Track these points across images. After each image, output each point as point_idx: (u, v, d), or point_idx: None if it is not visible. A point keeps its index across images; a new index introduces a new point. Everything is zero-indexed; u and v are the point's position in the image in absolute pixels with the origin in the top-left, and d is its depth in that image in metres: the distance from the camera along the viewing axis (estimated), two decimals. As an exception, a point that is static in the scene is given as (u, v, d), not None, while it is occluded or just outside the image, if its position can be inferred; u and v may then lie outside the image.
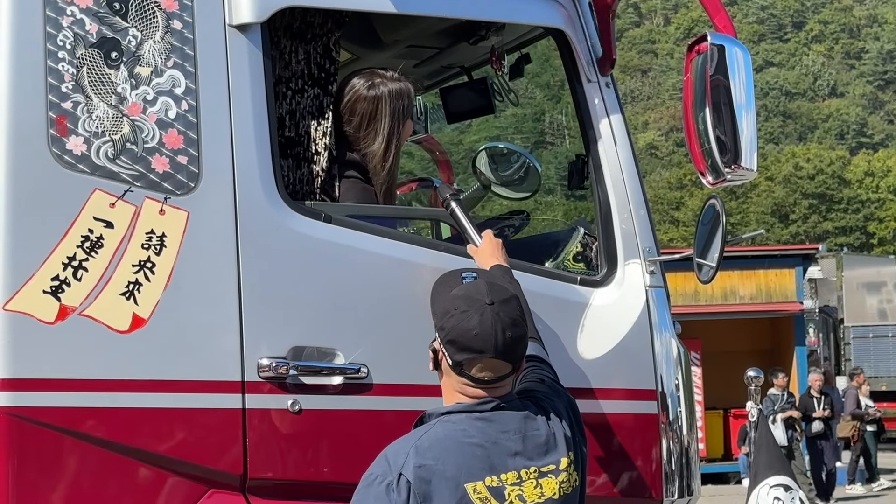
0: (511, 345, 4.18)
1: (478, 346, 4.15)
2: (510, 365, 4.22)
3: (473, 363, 4.18)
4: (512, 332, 4.17)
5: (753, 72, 5.35)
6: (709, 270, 5.43)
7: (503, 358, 4.18)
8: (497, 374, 4.21)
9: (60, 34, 4.74)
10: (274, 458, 4.83)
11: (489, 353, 4.16)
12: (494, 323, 4.14)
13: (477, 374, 4.20)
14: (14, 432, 4.57)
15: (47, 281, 4.62)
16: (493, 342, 4.14)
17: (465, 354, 4.18)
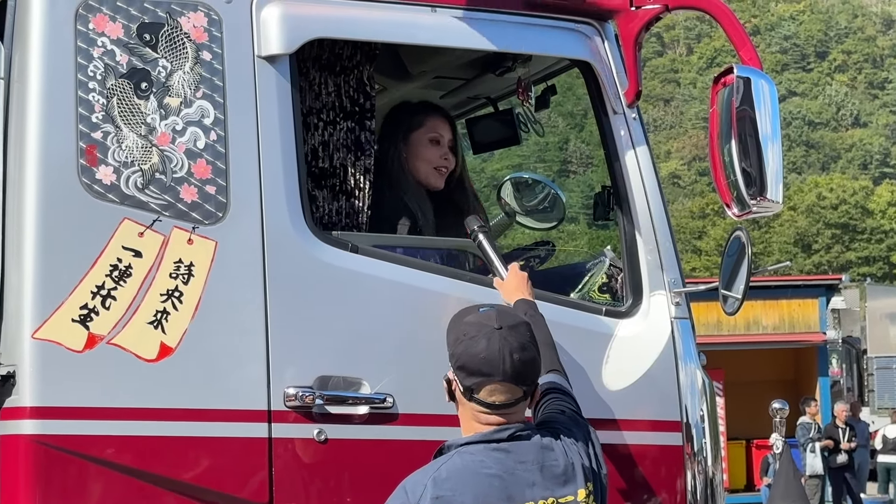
0: (520, 368, 4.19)
1: (486, 370, 4.17)
2: (521, 388, 4.22)
3: (482, 387, 4.19)
4: (520, 356, 4.19)
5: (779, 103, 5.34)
6: (734, 302, 5.42)
7: (513, 381, 4.19)
8: (508, 399, 4.22)
9: (91, 65, 4.78)
10: (299, 488, 4.84)
11: (498, 377, 4.17)
12: (502, 347, 4.16)
13: (487, 398, 4.21)
14: (40, 459, 4.60)
15: (76, 309, 4.65)
16: (501, 365, 4.16)
17: (474, 379, 4.20)
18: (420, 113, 5.68)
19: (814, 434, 25.49)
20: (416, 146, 5.63)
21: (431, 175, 5.73)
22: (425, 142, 5.68)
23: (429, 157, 5.70)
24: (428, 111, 5.74)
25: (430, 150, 5.70)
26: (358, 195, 5.35)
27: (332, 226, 5.19)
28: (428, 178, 5.71)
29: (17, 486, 4.62)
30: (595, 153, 7.82)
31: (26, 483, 4.60)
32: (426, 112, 5.71)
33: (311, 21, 5.07)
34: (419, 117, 5.69)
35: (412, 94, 6.16)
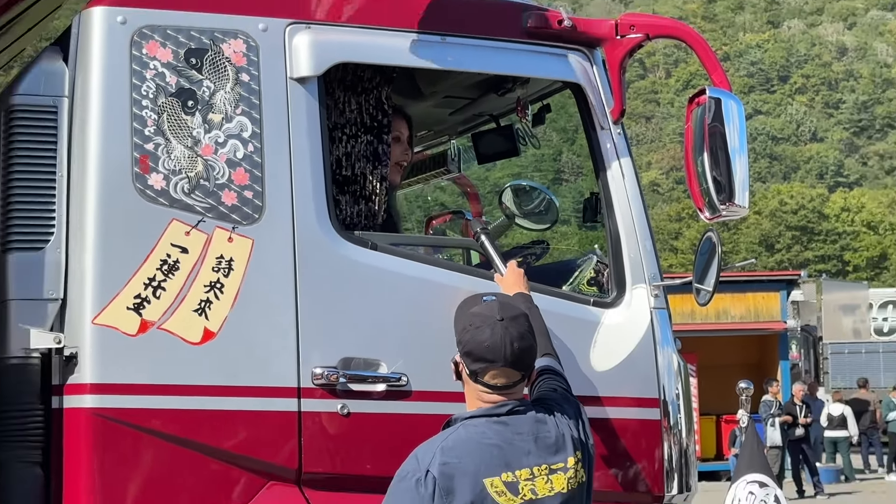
0: (519, 355, 4.20)
1: (490, 357, 4.18)
2: (519, 373, 4.23)
3: (486, 371, 4.20)
4: (519, 344, 4.19)
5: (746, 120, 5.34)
6: (706, 294, 5.42)
7: (512, 367, 4.20)
8: (508, 381, 4.22)
9: (144, 85, 4.79)
10: (325, 455, 4.84)
11: (500, 363, 4.18)
12: (504, 336, 4.17)
13: (491, 380, 4.21)
14: (99, 430, 4.61)
15: (131, 298, 4.66)
16: (503, 353, 4.17)
17: (479, 364, 4.20)
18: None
19: (775, 410, 25.53)
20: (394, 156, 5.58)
21: (393, 170, 5.67)
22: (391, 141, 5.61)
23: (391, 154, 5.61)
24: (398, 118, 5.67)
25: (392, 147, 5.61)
26: (375, 199, 5.35)
27: (354, 226, 5.19)
28: (391, 175, 5.63)
29: (79, 453, 4.63)
30: (584, 164, 7.83)
31: (87, 450, 4.61)
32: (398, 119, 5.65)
33: (337, 47, 5.07)
34: None
35: (424, 112, 6.14)
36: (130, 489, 4.62)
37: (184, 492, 4.69)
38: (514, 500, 4.11)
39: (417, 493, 4.08)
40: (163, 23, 4.85)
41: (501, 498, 4.10)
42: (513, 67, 5.48)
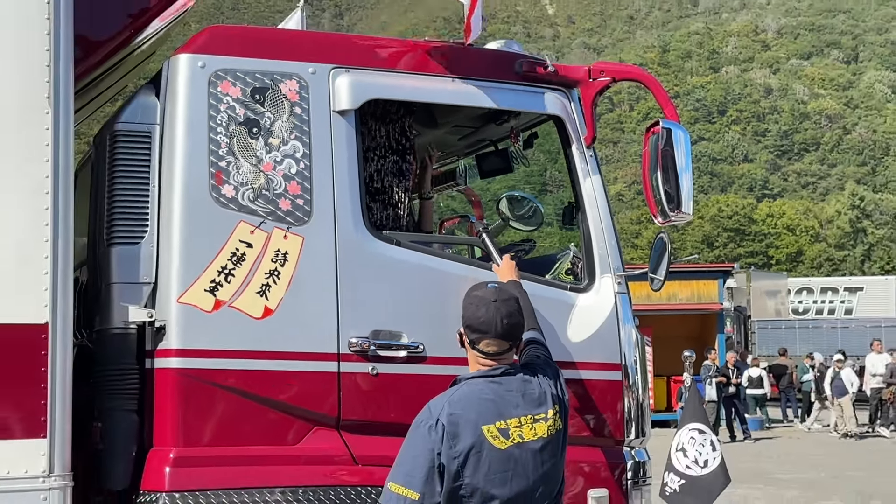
0: (507, 329, 4.18)
1: (484, 329, 4.17)
2: (507, 342, 4.21)
3: (481, 340, 4.19)
4: (508, 321, 4.18)
5: (691, 145, 5.34)
6: (658, 282, 5.41)
7: (502, 338, 4.18)
8: (499, 349, 4.20)
9: (219, 115, 4.79)
10: (358, 406, 4.85)
11: (492, 334, 4.17)
12: (496, 314, 4.16)
13: (484, 348, 4.20)
14: (182, 385, 4.64)
15: (207, 282, 4.67)
16: (495, 327, 4.16)
17: (476, 335, 4.20)
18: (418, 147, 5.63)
19: (713, 372, 25.48)
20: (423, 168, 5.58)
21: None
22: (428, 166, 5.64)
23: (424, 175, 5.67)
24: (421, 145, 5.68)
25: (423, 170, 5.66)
26: (400, 206, 5.35)
27: (383, 227, 5.18)
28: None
29: (166, 403, 4.65)
30: (564, 179, 7.77)
31: (172, 401, 4.63)
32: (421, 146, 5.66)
33: (370, 87, 5.06)
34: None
35: (439, 138, 6.13)
36: (206, 431, 4.64)
37: (247, 434, 4.69)
38: (506, 442, 4.10)
39: (430, 437, 4.07)
40: (234, 67, 4.85)
41: (495, 441, 4.08)
42: (508, 103, 5.46)
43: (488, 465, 4.06)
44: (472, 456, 4.05)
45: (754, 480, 17.51)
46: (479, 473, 4.05)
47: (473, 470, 4.05)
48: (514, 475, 4.09)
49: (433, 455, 4.05)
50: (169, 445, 4.59)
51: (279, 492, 4.60)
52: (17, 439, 4.26)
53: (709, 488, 5.87)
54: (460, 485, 4.04)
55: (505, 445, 4.10)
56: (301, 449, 4.75)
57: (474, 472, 4.05)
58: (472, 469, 4.05)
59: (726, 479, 5.98)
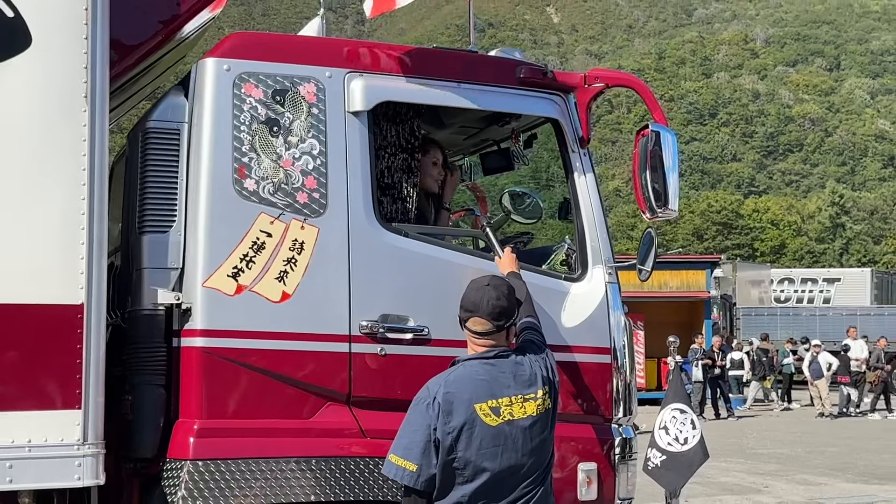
0: (493, 309, 4.20)
1: (471, 308, 4.23)
2: (492, 323, 4.21)
3: (468, 318, 4.24)
4: (494, 302, 4.21)
5: (681, 144, 5.33)
6: (645, 273, 5.40)
7: (487, 317, 4.20)
8: (484, 329, 4.22)
9: (242, 115, 4.79)
10: (367, 384, 4.85)
11: (478, 313, 4.21)
12: (484, 295, 4.22)
13: (472, 326, 4.24)
14: (206, 361, 4.64)
15: (230, 268, 4.68)
16: (481, 306, 4.21)
17: (465, 313, 4.26)
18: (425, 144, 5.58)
19: (699, 355, 25.47)
20: (423, 166, 5.52)
21: (433, 184, 5.64)
22: (429, 163, 5.59)
23: (431, 172, 5.62)
24: (428, 143, 5.61)
25: (431, 168, 5.61)
26: (408, 200, 5.33)
27: (392, 219, 5.17)
28: (431, 186, 5.63)
29: (191, 379, 4.66)
30: (560, 176, 7.64)
31: (197, 377, 4.64)
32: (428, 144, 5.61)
33: (382, 90, 5.05)
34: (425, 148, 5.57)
35: (445, 138, 6.11)
36: (227, 405, 4.65)
37: (265, 408, 4.70)
38: (497, 420, 4.12)
39: (427, 414, 4.11)
40: (256, 70, 4.84)
41: (487, 418, 4.11)
42: (509, 106, 5.44)
43: (480, 440, 4.09)
44: (464, 431, 4.08)
45: (737, 455, 17.51)
46: (472, 448, 4.08)
47: (466, 444, 4.08)
48: (505, 450, 4.12)
49: (430, 430, 4.10)
50: (193, 417, 4.60)
51: (294, 461, 4.61)
52: (55, 410, 4.28)
53: (688, 463, 5.88)
54: (454, 458, 4.08)
55: (496, 422, 4.12)
56: (314, 422, 4.75)
57: (467, 446, 4.08)
58: (464, 444, 4.08)
59: (704, 455, 5.98)
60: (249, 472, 4.53)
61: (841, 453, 18.72)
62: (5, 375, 4.22)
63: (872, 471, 16.23)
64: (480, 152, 6.56)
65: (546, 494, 4.24)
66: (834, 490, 14.40)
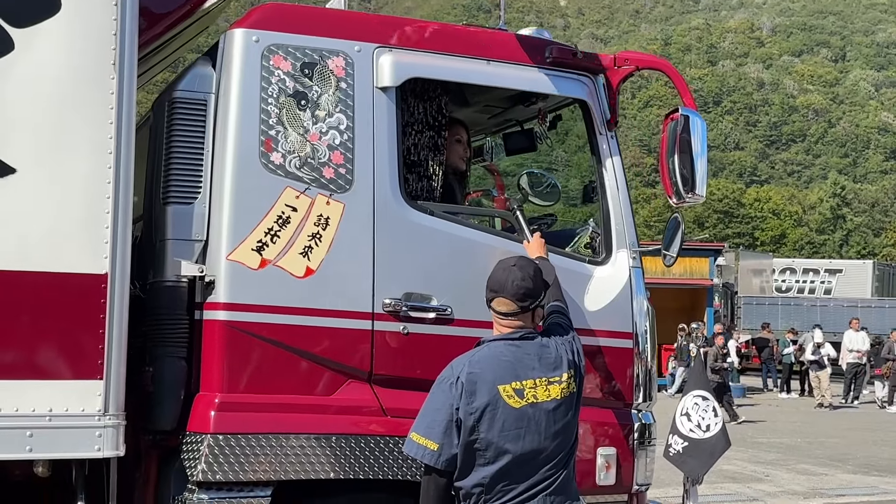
0: (518, 290, 4.16)
1: (497, 288, 4.18)
2: (518, 304, 4.17)
3: (494, 298, 4.19)
4: (519, 283, 4.16)
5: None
6: (670, 258, 5.37)
7: (512, 297, 4.16)
8: (509, 310, 4.18)
9: (270, 87, 4.73)
10: (389, 362, 4.81)
11: (502, 293, 4.17)
12: (509, 275, 4.17)
13: (497, 307, 4.20)
14: (228, 335, 4.60)
15: (255, 242, 4.63)
16: (506, 286, 4.16)
17: (491, 293, 4.21)
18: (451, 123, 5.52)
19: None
20: (449, 144, 5.48)
21: (458, 162, 5.61)
22: (454, 141, 5.55)
23: (457, 150, 5.58)
24: (454, 122, 5.58)
25: (457, 146, 5.58)
26: (433, 178, 5.28)
27: (418, 197, 5.12)
28: (456, 164, 5.59)
29: (213, 351, 4.61)
30: (583, 159, 7.47)
31: (219, 349, 4.60)
32: (453, 123, 5.56)
33: (411, 66, 4.99)
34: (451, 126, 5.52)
35: (470, 116, 6.05)
36: (249, 379, 4.61)
37: (286, 383, 4.66)
38: (520, 402, 4.08)
39: (451, 393, 4.08)
40: (285, 42, 4.78)
41: (511, 400, 4.07)
42: (538, 86, 5.37)
43: (502, 421, 4.05)
44: (487, 412, 4.04)
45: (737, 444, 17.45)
46: (494, 429, 4.04)
47: (489, 425, 4.04)
48: (527, 432, 4.08)
49: (452, 410, 4.06)
50: (214, 391, 4.57)
51: (314, 438, 4.58)
52: (76, 380, 4.24)
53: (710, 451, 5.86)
54: (476, 438, 4.05)
55: (519, 405, 4.08)
56: (335, 399, 4.72)
57: (489, 427, 4.04)
58: (487, 424, 4.04)
59: (726, 443, 5.95)
60: (269, 447, 4.50)
61: (840, 444, 18.74)
62: (28, 344, 4.18)
63: (873, 463, 16.25)
64: (503, 132, 6.50)
65: (569, 479, 4.20)
66: (834, 481, 14.41)
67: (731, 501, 12.43)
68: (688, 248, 30.48)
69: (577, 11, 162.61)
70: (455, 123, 5.55)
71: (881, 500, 12.92)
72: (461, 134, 5.59)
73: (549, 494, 4.10)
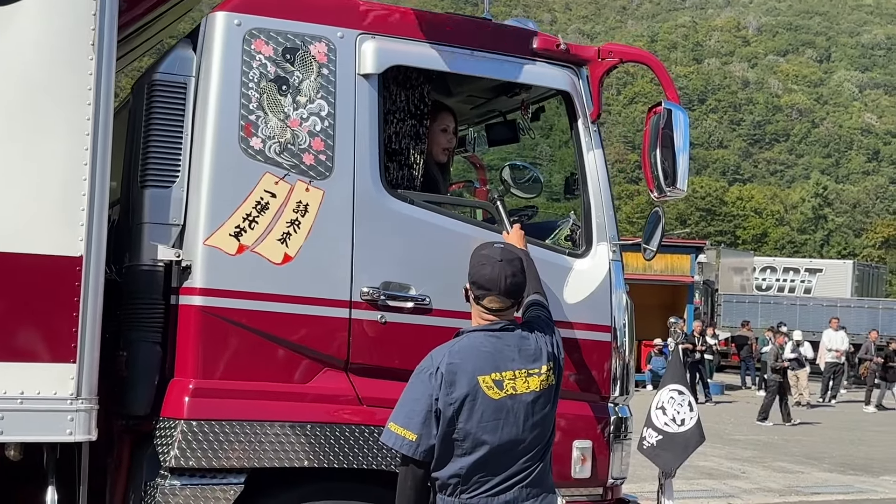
0: (510, 287, 4.13)
1: (489, 286, 4.12)
2: (509, 301, 4.16)
3: (486, 297, 4.14)
4: (511, 280, 4.13)
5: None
6: (650, 252, 5.36)
7: (504, 295, 4.13)
8: (501, 306, 4.15)
9: (251, 72, 4.69)
10: (366, 351, 4.78)
11: (495, 292, 4.12)
12: (500, 273, 4.11)
13: (488, 304, 4.15)
14: (204, 321, 4.57)
15: (232, 228, 4.59)
16: (499, 284, 4.10)
17: (481, 291, 4.14)
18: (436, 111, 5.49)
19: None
20: (433, 134, 5.45)
21: (441, 153, 5.58)
22: (438, 131, 5.52)
23: (440, 140, 5.55)
24: (440, 109, 5.54)
25: (441, 136, 5.54)
26: (414, 167, 5.25)
27: (398, 186, 5.10)
28: (438, 155, 5.56)
29: (188, 337, 4.58)
30: (567, 152, 7.39)
31: (194, 335, 4.57)
32: (439, 110, 5.53)
33: (394, 53, 4.96)
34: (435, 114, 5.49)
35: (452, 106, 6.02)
36: (224, 366, 4.58)
37: (262, 371, 4.63)
38: (500, 393, 4.06)
39: (430, 384, 4.04)
40: (267, 27, 4.74)
41: (490, 391, 4.05)
42: (521, 77, 5.34)
43: (481, 412, 4.03)
44: (466, 403, 4.02)
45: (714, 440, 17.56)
46: (473, 420, 4.02)
47: (467, 416, 4.02)
48: (506, 424, 4.06)
49: (431, 400, 4.04)
50: (189, 377, 4.53)
51: (289, 426, 4.55)
52: (49, 363, 4.20)
53: (685, 444, 5.85)
54: (454, 429, 4.02)
55: (499, 396, 4.06)
56: (311, 387, 4.69)
57: (468, 418, 4.02)
58: (465, 415, 4.02)
59: (701, 438, 5.95)
60: (244, 434, 4.47)
61: (817, 443, 18.84)
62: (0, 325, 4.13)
63: (848, 461, 16.35)
64: (486, 123, 6.47)
65: (545, 471, 4.19)
66: (810, 479, 14.49)
67: (707, 498, 12.46)
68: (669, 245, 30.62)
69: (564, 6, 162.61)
70: (442, 111, 5.52)
71: (856, 499, 13.00)
72: (447, 123, 5.56)
73: (525, 486, 4.09)
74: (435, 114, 5.41)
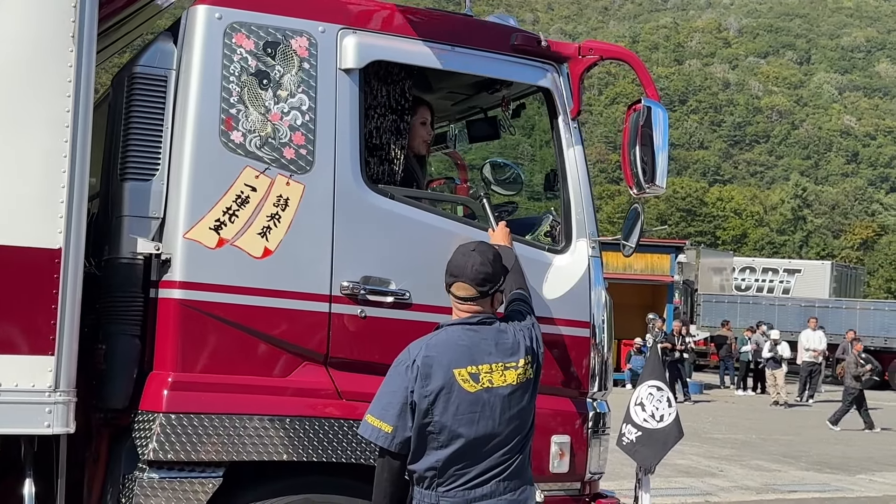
0: (476, 275, 4.17)
1: (456, 273, 4.20)
2: (476, 289, 4.18)
3: (453, 283, 4.20)
4: (479, 268, 4.17)
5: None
6: (629, 249, 5.37)
7: (471, 282, 4.17)
8: (468, 294, 4.19)
9: (232, 65, 4.69)
10: (346, 345, 4.79)
11: (462, 278, 4.18)
12: (469, 260, 4.19)
13: (456, 291, 4.21)
14: (183, 314, 4.56)
15: (212, 221, 4.59)
16: (465, 271, 4.17)
17: (450, 277, 4.22)
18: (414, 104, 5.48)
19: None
20: (413, 127, 5.45)
21: (422, 146, 5.60)
22: (418, 124, 5.52)
23: (420, 133, 5.56)
24: (418, 103, 5.54)
25: (421, 129, 5.55)
26: (395, 162, 5.26)
27: (379, 181, 5.10)
28: (418, 148, 5.57)
29: (167, 330, 4.58)
30: (547, 148, 7.39)
31: (173, 328, 4.56)
32: (417, 103, 5.52)
33: (375, 48, 4.97)
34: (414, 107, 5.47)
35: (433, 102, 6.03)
36: (203, 359, 4.57)
37: (241, 364, 4.63)
38: (476, 386, 4.09)
39: (406, 376, 4.08)
40: (248, 20, 4.74)
41: (466, 384, 4.08)
42: (502, 73, 5.36)
43: (457, 405, 4.06)
44: (441, 396, 4.05)
45: (693, 439, 17.64)
46: (448, 413, 4.05)
47: (443, 409, 4.05)
48: (482, 417, 4.08)
49: (407, 393, 4.07)
50: (168, 370, 4.53)
51: (268, 419, 4.55)
52: (27, 355, 4.19)
53: (663, 441, 5.88)
54: (429, 422, 4.06)
55: (475, 389, 4.09)
56: (290, 381, 4.69)
57: (443, 411, 4.05)
58: (441, 408, 4.05)
59: (679, 434, 5.98)
60: (222, 427, 4.47)
61: (794, 442, 18.96)
62: (-23, 317, 4.12)
63: (825, 460, 16.45)
64: (467, 120, 6.48)
65: (524, 464, 4.21)
66: (787, 477, 14.57)
67: (685, 495, 12.52)
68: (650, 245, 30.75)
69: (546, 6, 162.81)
70: (421, 105, 5.53)
71: (832, 497, 13.09)
72: (426, 116, 5.57)
73: (503, 480, 4.11)
74: (414, 107, 5.41)
